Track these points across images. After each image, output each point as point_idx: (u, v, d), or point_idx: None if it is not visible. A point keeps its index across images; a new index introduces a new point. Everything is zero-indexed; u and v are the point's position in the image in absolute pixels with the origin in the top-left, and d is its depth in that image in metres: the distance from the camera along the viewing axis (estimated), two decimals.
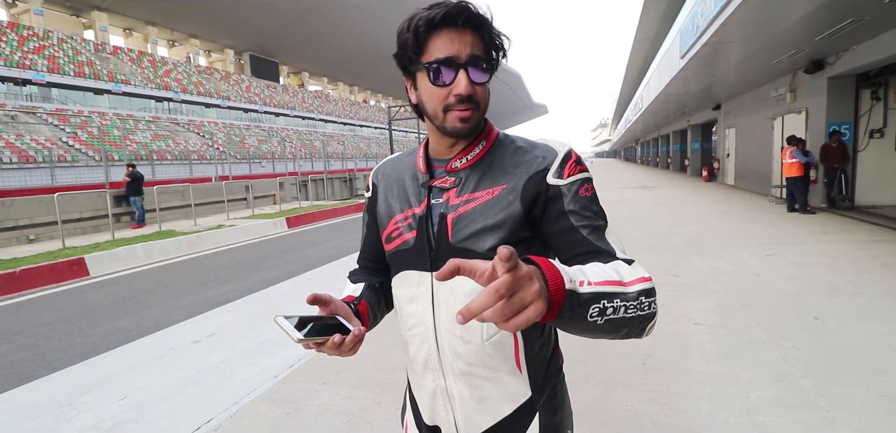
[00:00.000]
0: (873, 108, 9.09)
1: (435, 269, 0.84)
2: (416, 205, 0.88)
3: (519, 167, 0.84)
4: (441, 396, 0.90)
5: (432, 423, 0.94)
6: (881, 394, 2.52)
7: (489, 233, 0.82)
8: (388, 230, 0.92)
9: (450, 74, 0.78)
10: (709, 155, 21.70)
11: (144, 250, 8.11)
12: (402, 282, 0.92)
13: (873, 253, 5.64)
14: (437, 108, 0.81)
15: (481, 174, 0.85)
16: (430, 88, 0.80)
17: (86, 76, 28.30)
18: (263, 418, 2.63)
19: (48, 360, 3.78)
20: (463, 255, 0.76)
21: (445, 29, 0.78)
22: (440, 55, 0.78)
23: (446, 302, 0.85)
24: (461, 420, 0.89)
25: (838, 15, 6.46)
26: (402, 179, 0.94)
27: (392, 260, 0.94)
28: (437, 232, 0.85)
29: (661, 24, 21.81)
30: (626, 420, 2.43)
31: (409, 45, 0.80)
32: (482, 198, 0.84)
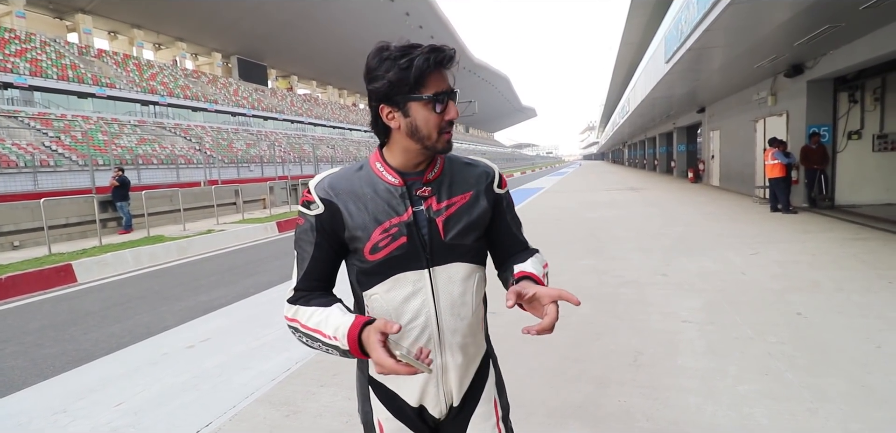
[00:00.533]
0: (851, 111, 9.38)
1: (431, 266, 1.01)
2: (400, 213, 1.00)
3: (475, 179, 1.08)
4: (436, 376, 1.05)
5: (418, 404, 1.07)
6: (861, 385, 2.63)
7: (471, 229, 1.05)
8: (373, 240, 0.98)
9: (445, 105, 0.97)
10: (694, 157, 22.10)
11: (133, 256, 8.02)
12: (394, 285, 1.01)
13: (853, 250, 5.82)
14: (433, 131, 0.98)
15: (448, 183, 1.05)
16: (429, 115, 0.97)
17: (69, 79, 27.84)
18: (262, 420, 2.65)
19: (40, 367, 3.74)
20: (454, 250, 1.03)
21: (440, 68, 0.96)
22: (439, 90, 0.96)
23: (445, 288, 1.02)
24: (455, 385, 1.07)
25: (816, 21, 6.68)
26: (370, 193, 1.01)
27: (379, 267, 1.00)
28: (429, 233, 1.01)
29: (647, 30, 22.16)
30: (619, 414, 2.50)
31: (409, 79, 0.94)
32: (459, 202, 1.04)
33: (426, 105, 0.95)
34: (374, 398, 1.09)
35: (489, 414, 1.13)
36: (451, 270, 1.03)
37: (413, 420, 1.08)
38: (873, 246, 6.02)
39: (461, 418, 1.10)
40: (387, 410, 1.08)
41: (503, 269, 1.17)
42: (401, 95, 0.95)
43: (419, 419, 1.09)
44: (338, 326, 0.94)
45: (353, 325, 0.92)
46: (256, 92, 44.19)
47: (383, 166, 1.03)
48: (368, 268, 1.01)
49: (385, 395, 1.08)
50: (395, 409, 1.08)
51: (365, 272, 1.02)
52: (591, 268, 5.74)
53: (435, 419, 1.09)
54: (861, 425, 2.27)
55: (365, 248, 0.99)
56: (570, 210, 12.43)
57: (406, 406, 1.07)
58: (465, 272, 1.04)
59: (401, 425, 1.08)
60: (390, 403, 1.08)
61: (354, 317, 0.95)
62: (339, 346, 0.94)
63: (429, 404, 1.07)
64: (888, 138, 9.22)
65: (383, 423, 1.09)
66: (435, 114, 0.96)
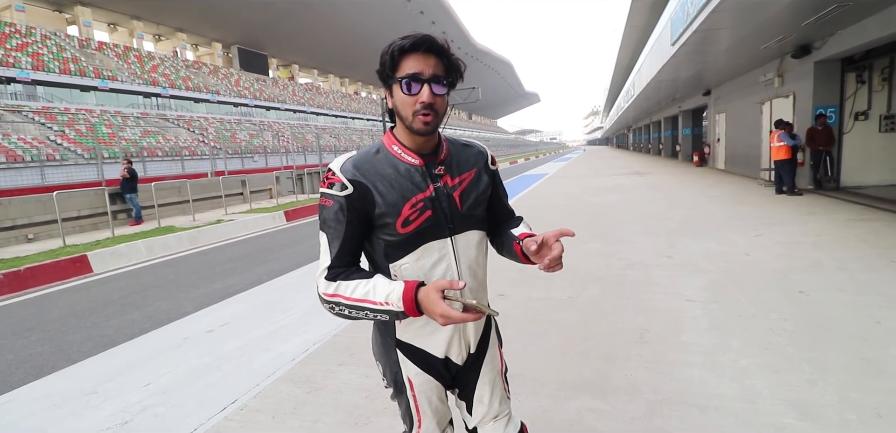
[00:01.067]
0: (858, 92, 9.34)
1: (453, 234, 1.17)
2: (423, 190, 1.13)
3: (474, 158, 1.26)
4: (457, 329, 1.22)
5: (444, 356, 1.24)
6: (860, 357, 2.73)
7: (480, 201, 1.24)
8: (404, 215, 1.11)
9: (416, 87, 1.07)
10: (699, 140, 22.00)
11: (146, 246, 8.17)
12: (423, 254, 1.14)
13: (856, 231, 5.88)
14: (408, 113, 1.09)
15: (455, 163, 1.21)
16: (403, 97, 1.09)
17: (71, 73, 27.94)
18: (286, 397, 2.78)
19: (66, 353, 3.89)
20: (469, 219, 1.20)
21: (415, 53, 1.07)
22: (409, 71, 1.07)
23: (464, 253, 1.19)
24: (472, 333, 1.26)
25: (824, 0, 6.65)
26: (393, 173, 1.13)
27: (409, 239, 1.13)
28: (449, 206, 1.16)
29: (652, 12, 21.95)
30: (626, 387, 2.61)
31: (387, 63, 1.08)
32: (467, 178, 1.22)
33: (399, 86, 1.08)
34: (403, 358, 1.24)
35: (495, 357, 1.36)
36: (468, 237, 1.20)
37: (439, 370, 1.25)
38: (876, 226, 6.08)
39: (476, 363, 1.30)
40: (416, 366, 1.24)
41: (498, 234, 1.35)
42: (386, 79, 1.10)
43: (445, 369, 1.26)
44: (389, 292, 1.05)
45: (407, 288, 1.05)
46: (258, 82, 44.16)
47: (401, 148, 1.15)
48: (398, 241, 1.12)
49: (414, 353, 1.23)
50: (424, 364, 1.23)
51: (394, 245, 1.13)
52: (597, 252, 5.84)
53: (456, 366, 1.27)
54: (860, 394, 2.38)
55: (397, 223, 1.10)
56: (575, 195, 12.49)
57: (434, 359, 1.23)
58: (478, 237, 1.23)
59: (429, 378, 1.25)
60: (420, 360, 1.23)
61: (403, 282, 1.07)
62: (390, 310, 1.06)
63: (452, 354, 1.24)
64: (895, 119, 9.20)
65: (413, 378, 1.25)
66: (406, 95, 1.07)
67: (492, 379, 1.33)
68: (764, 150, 11.85)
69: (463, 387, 1.33)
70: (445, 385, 1.30)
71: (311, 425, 2.48)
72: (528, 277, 4.73)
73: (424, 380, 1.25)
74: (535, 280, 4.64)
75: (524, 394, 2.60)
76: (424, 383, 1.25)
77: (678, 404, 2.42)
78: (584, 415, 2.39)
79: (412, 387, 1.25)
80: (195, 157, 26.07)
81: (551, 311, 3.85)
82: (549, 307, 3.95)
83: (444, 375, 1.27)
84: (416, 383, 1.25)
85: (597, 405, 2.47)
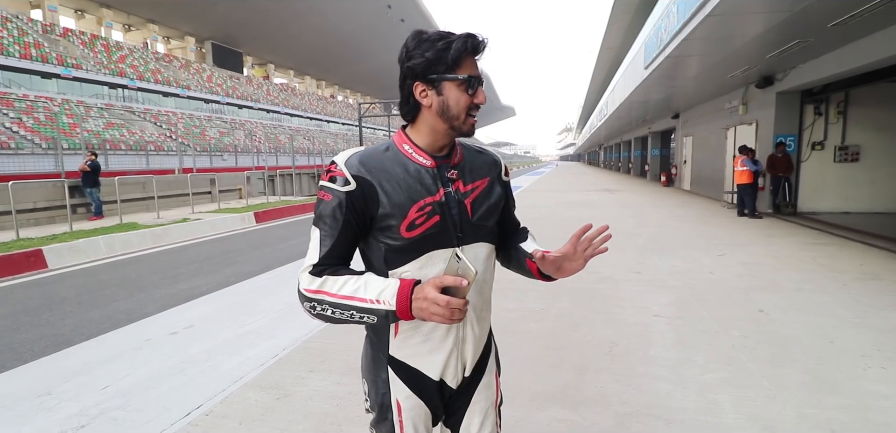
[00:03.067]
0: (815, 122, 9.91)
1: (461, 244, 1.07)
2: (433, 193, 1.05)
3: (488, 166, 1.18)
4: (457, 347, 1.11)
5: (439, 378, 1.12)
6: (815, 375, 2.87)
7: (493, 212, 1.15)
8: (410, 218, 1.01)
9: (476, 88, 1.04)
10: (667, 161, 22.77)
11: (106, 243, 7.82)
12: (427, 262, 1.04)
13: (813, 254, 6.20)
14: (462, 112, 1.04)
15: (469, 169, 1.13)
16: (460, 96, 1.03)
17: (32, 58, 26.61)
18: (254, 403, 2.71)
19: (18, 352, 3.67)
20: (479, 230, 1.11)
21: (474, 54, 1.03)
22: (472, 73, 1.03)
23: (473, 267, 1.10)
24: (470, 355, 1.14)
25: (787, 35, 7.04)
26: (401, 173, 1.04)
27: (413, 245, 1.03)
28: (459, 213, 1.07)
29: (627, 34, 22.69)
30: (596, 399, 2.66)
31: (447, 59, 1.01)
32: (480, 186, 1.13)
33: (460, 86, 1.02)
34: (394, 378, 1.11)
35: (491, 385, 1.22)
36: (477, 249, 1.10)
37: (432, 395, 1.13)
38: (831, 250, 6.42)
39: (469, 388, 1.18)
40: (407, 388, 1.11)
41: (504, 246, 1.28)
42: (437, 74, 1.01)
43: (438, 394, 1.14)
44: (382, 290, 0.96)
45: (403, 286, 0.96)
46: (231, 79, 43.15)
47: (412, 147, 1.07)
48: (401, 246, 1.03)
49: (407, 374, 1.11)
50: (416, 387, 1.11)
51: (397, 250, 1.03)
52: None
53: (451, 390, 1.15)
54: (814, 410, 2.50)
55: (401, 226, 1.01)
56: (548, 208, 12.69)
57: (428, 381, 1.12)
58: (487, 251, 1.13)
59: (419, 403, 1.12)
60: (413, 381, 1.11)
61: (400, 279, 0.98)
62: (379, 310, 0.96)
63: (448, 376, 1.13)
64: (849, 150, 9.79)
65: (402, 402, 1.11)
66: (466, 95, 1.02)
67: (484, 408, 1.20)
68: (727, 174, 12.37)
69: (451, 414, 1.19)
70: (436, 414, 1.17)
71: (279, 432, 2.41)
72: (503, 287, 4.77)
73: (414, 404, 1.12)
74: (510, 290, 4.68)
75: None
76: (413, 408, 1.12)
77: (646, 416, 2.48)
78: (555, 425, 2.42)
79: (400, 412, 1.12)
80: (162, 153, 25.20)
81: (524, 322, 3.89)
82: (523, 318, 3.99)
83: (436, 401, 1.15)
84: (405, 407, 1.12)
85: (568, 416, 2.50)
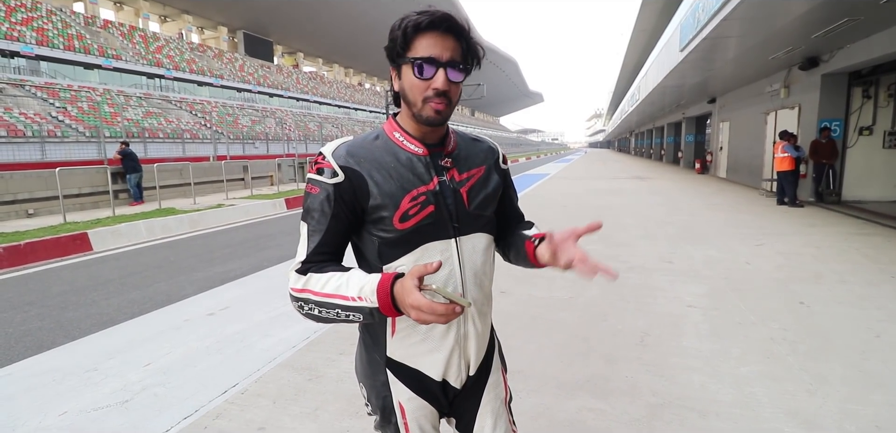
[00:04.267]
0: (863, 106, 9.35)
1: (458, 235, 1.02)
2: (426, 182, 0.99)
3: (484, 154, 1.13)
4: (458, 345, 1.06)
5: (442, 378, 1.07)
6: (859, 370, 2.74)
7: (490, 201, 1.09)
8: (403, 209, 0.96)
9: (430, 71, 0.93)
10: (702, 147, 22.01)
11: (146, 227, 8.17)
12: (422, 255, 0.99)
13: (857, 245, 5.89)
14: (418, 98, 0.96)
15: (463, 157, 1.07)
16: (413, 80, 0.95)
17: (75, 50, 27.80)
18: (287, 383, 2.79)
19: (66, 329, 3.89)
20: (477, 220, 1.06)
21: (430, 32, 0.93)
22: (424, 54, 0.93)
23: (470, 258, 1.04)
24: (473, 352, 1.09)
25: (835, 13, 6.65)
26: (392, 162, 0.99)
27: (408, 237, 0.98)
28: (455, 203, 1.02)
29: (661, 17, 21.91)
30: (626, 389, 2.62)
31: (398, 40, 0.95)
32: (476, 174, 1.07)
33: (411, 68, 0.94)
34: (394, 380, 1.06)
35: (498, 383, 1.18)
36: (474, 240, 1.05)
37: (435, 395, 1.08)
38: (877, 241, 6.09)
39: (476, 388, 1.13)
40: (409, 390, 1.06)
41: (505, 237, 1.20)
42: (396, 57, 0.97)
43: (442, 393, 1.09)
44: (362, 286, 0.88)
45: (382, 280, 0.86)
46: (262, 68, 43.99)
47: (403, 135, 1.02)
48: (395, 239, 0.98)
49: (407, 375, 1.06)
50: (418, 388, 1.06)
51: (390, 243, 0.98)
52: (597, 253, 5.84)
53: (455, 390, 1.10)
54: (858, 406, 2.39)
55: (394, 217, 0.96)
56: (576, 196, 12.49)
57: (430, 382, 1.06)
58: (485, 242, 1.08)
59: (423, 403, 1.08)
60: (414, 382, 1.06)
61: (381, 273, 0.89)
62: (363, 307, 0.88)
63: (450, 376, 1.07)
64: None
65: (405, 404, 1.07)
66: (418, 79, 0.94)
67: (495, 408, 1.16)
68: (767, 160, 11.86)
69: (461, 417, 1.15)
70: (441, 411, 1.12)
71: (311, 412, 2.48)
72: (531, 275, 4.73)
73: (418, 405, 1.07)
74: (538, 278, 4.64)
75: (525, 392, 2.60)
76: (418, 409, 1.07)
77: (678, 408, 2.43)
78: (584, 414, 2.40)
79: (404, 414, 1.07)
80: (197, 141, 25.99)
81: (552, 311, 3.85)
82: (550, 306, 3.95)
83: (440, 401, 1.10)
84: (409, 409, 1.07)
85: (597, 405, 2.48)
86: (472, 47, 0.98)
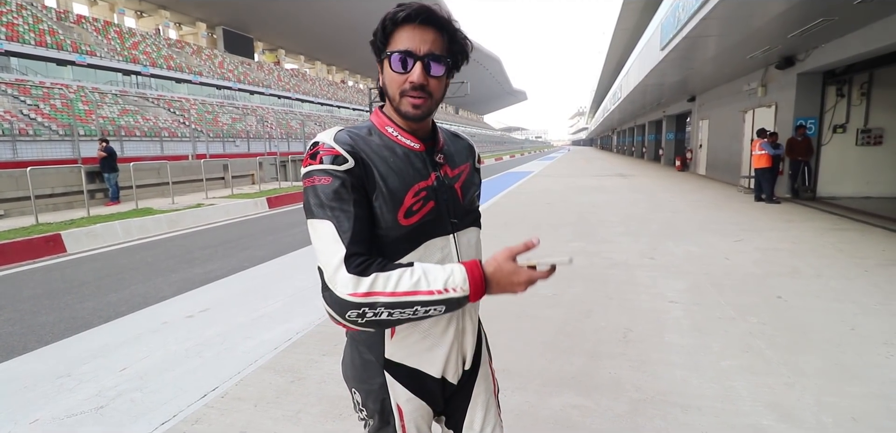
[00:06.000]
0: (838, 105, 9.61)
1: (455, 230, 1.03)
2: (425, 177, 0.99)
3: (466, 152, 1.15)
4: (457, 339, 1.06)
5: (441, 375, 1.06)
6: (835, 363, 2.81)
7: (477, 197, 1.15)
8: (407, 204, 0.94)
9: (407, 64, 0.92)
10: (682, 145, 22.39)
11: (123, 228, 7.95)
12: (425, 252, 0.98)
13: (832, 240, 6.06)
14: (395, 92, 0.95)
15: (451, 154, 1.09)
16: (391, 74, 0.95)
17: (48, 46, 26.92)
18: (268, 386, 2.73)
19: (38, 334, 3.76)
20: (469, 215, 1.09)
21: (409, 25, 0.92)
22: (400, 46, 0.92)
23: (466, 253, 1.06)
24: (469, 346, 1.10)
25: (811, 13, 6.80)
26: (390, 156, 0.96)
27: (411, 234, 0.96)
28: (451, 198, 1.03)
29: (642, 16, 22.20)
30: (610, 385, 2.64)
31: (379, 34, 0.95)
32: (464, 171, 1.10)
33: (388, 62, 0.94)
34: (393, 382, 1.04)
35: (487, 375, 1.20)
36: (468, 235, 1.07)
37: (432, 394, 1.07)
38: (852, 236, 6.27)
39: (468, 383, 1.14)
40: (407, 391, 1.05)
41: None
42: (378, 52, 0.97)
43: (440, 391, 1.08)
44: (447, 277, 0.87)
45: (471, 268, 0.89)
46: (242, 65, 43.24)
47: (396, 129, 1.00)
48: (398, 236, 0.95)
49: (407, 375, 1.04)
50: (416, 388, 1.05)
51: (393, 240, 0.95)
52: (581, 250, 5.89)
53: (452, 387, 1.10)
54: (834, 398, 2.44)
55: (399, 213, 0.94)
56: (559, 194, 12.58)
57: (429, 380, 1.06)
58: (476, 237, 1.12)
59: (420, 403, 1.06)
60: (413, 382, 1.05)
61: (458, 263, 0.91)
62: (450, 299, 0.87)
63: (449, 373, 1.07)
64: (871, 133, 9.49)
65: (403, 405, 1.05)
66: (394, 73, 0.93)
67: (485, 401, 1.16)
68: (745, 158, 12.11)
69: (452, 412, 1.15)
70: (436, 410, 1.12)
71: (293, 415, 2.44)
72: None
73: (416, 406, 1.06)
74: None
75: (511, 389, 2.60)
76: (415, 410, 1.06)
77: (661, 403, 2.45)
78: (569, 411, 2.41)
79: (401, 417, 1.05)
80: (175, 139, 25.42)
81: (536, 307, 3.86)
82: (535, 303, 3.96)
83: (437, 399, 1.09)
84: (407, 411, 1.05)
85: (581, 402, 2.48)
86: (458, 40, 0.97)
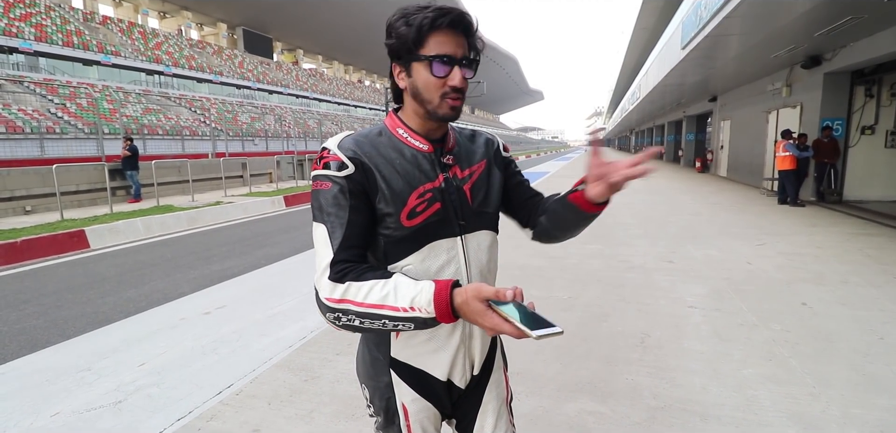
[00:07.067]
0: (866, 105, 9.29)
1: (463, 233, 1.01)
2: (432, 179, 0.99)
3: (483, 149, 1.11)
4: (464, 344, 1.05)
5: (447, 378, 1.06)
6: (862, 373, 2.70)
7: (492, 197, 1.09)
8: (411, 205, 0.95)
9: (447, 69, 0.93)
10: (702, 146, 21.95)
11: (144, 224, 8.12)
12: (429, 254, 0.98)
13: (859, 245, 5.85)
14: (434, 96, 0.95)
15: (463, 154, 1.07)
16: (429, 78, 0.94)
17: (74, 46, 27.74)
18: (282, 384, 2.75)
19: (61, 328, 3.85)
20: (481, 217, 1.05)
21: (446, 30, 0.93)
22: (440, 51, 0.92)
23: (475, 256, 1.03)
24: (477, 352, 1.08)
25: (838, 12, 6.59)
26: (397, 157, 0.98)
27: (415, 235, 0.96)
28: (459, 200, 1.01)
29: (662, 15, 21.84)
30: (627, 391, 2.58)
31: (409, 37, 0.93)
32: (477, 170, 1.07)
33: (425, 66, 0.93)
34: (398, 381, 1.05)
35: (500, 382, 1.17)
36: (479, 238, 1.05)
37: (439, 396, 1.07)
38: (880, 241, 6.05)
39: (478, 389, 1.12)
40: (413, 391, 1.05)
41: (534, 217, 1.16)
42: (405, 54, 0.95)
43: (446, 394, 1.08)
44: (414, 296, 0.84)
45: (439, 290, 0.83)
46: (261, 65, 43.89)
47: (407, 131, 1.01)
48: (401, 237, 0.96)
49: (412, 376, 1.05)
50: (422, 389, 1.05)
51: (397, 241, 0.96)
52: (597, 253, 5.80)
53: (459, 391, 1.09)
54: (862, 410, 2.35)
55: (401, 214, 0.95)
56: None
57: (435, 382, 1.05)
58: (490, 240, 1.08)
59: (426, 404, 1.06)
60: (418, 383, 1.05)
61: (432, 282, 0.86)
62: (416, 317, 0.85)
63: (455, 376, 1.06)
64: None
65: (408, 405, 1.06)
66: (434, 77, 0.93)
67: (496, 408, 1.14)
68: (768, 159, 11.81)
69: (462, 417, 1.14)
70: (444, 412, 1.11)
71: (306, 414, 2.44)
72: (529, 274, 4.70)
73: (422, 407, 1.06)
74: (536, 278, 4.61)
75: (524, 394, 2.57)
76: (421, 411, 1.06)
77: (679, 411, 2.39)
78: (584, 417, 2.36)
79: (407, 416, 1.06)
80: (196, 137, 25.92)
81: (551, 311, 3.81)
82: (550, 306, 3.92)
83: (444, 401, 1.09)
84: (412, 411, 1.06)
85: (597, 408, 2.44)
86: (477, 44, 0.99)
